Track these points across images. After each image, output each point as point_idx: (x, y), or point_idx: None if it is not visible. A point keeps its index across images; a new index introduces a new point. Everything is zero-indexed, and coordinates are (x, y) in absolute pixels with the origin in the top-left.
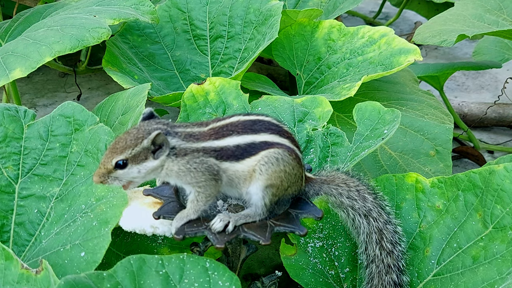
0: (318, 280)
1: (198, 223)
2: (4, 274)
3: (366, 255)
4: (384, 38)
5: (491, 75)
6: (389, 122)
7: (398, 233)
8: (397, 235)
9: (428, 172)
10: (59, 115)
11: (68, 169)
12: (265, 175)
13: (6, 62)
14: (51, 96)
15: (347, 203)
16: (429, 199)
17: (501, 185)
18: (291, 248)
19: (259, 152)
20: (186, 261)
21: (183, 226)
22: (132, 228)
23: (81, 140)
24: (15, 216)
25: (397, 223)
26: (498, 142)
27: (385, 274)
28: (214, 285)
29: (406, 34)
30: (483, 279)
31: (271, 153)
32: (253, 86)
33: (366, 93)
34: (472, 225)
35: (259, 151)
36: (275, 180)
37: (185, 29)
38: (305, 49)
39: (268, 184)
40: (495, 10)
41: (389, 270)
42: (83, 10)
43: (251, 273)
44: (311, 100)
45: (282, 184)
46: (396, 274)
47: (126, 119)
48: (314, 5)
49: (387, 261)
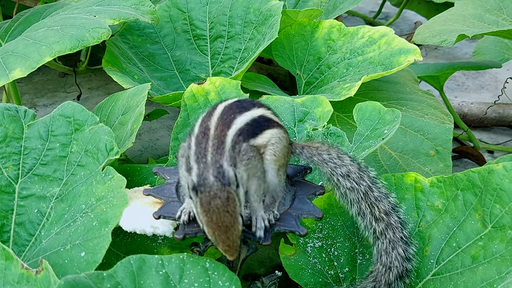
0: (317, 280)
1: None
2: (4, 274)
3: (367, 231)
4: (384, 38)
5: (491, 75)
6: (389, 122)
7: (390, 201)
8: (389, 202)
9: (428, 172)
10: (59, 115)
11: (68, 169)
12: (275, 155)
13: (6, 62)
14: (51, 96)
15: (327, 159)
16: (428, 198)
17: (500, 185)
18: (291, 248)
19: (265, 131)
20: (186, 261)
21: (183, 226)
22: (132, 228)
23: (81, 140)
24: (15, 216)
25: (382, 185)
26: (498, 142)
27: (391, 249)
28: (214, 285)
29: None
30: (482, 279)
31: (276, 133)
32: (253, 86)
33: (366, 93)
34: (471, 225)
35: (265, 129)
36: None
37: (185, 29)
38: (305, 49)
39: (279, 162)
40: (495, 10)
41: (394, 245)
42: (83, 10)
43: (251, 273)
44: (312, 100)
45: (285, 158)
46: (402, 247)
47: (126, 119)
48: (314, 5)
49: (389, 236)
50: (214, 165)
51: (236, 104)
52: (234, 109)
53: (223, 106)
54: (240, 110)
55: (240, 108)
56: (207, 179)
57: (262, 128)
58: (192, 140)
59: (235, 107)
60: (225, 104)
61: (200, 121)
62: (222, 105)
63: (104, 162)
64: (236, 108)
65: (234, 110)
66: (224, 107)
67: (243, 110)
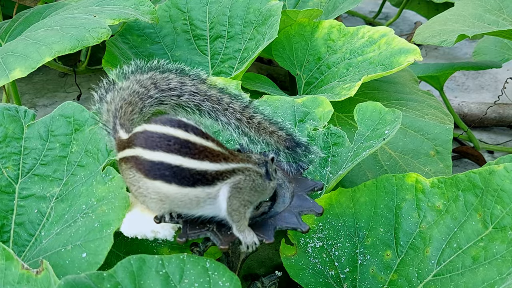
0: (318, 281)
1: (200, 225)
2: (4, 274)
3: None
4: (384, 38)
5: (491, 75)
6: (390, 123)
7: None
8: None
9: (428, 172)
10: (59, 115)
11: (68, 169)
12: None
13: (6, 62)
14: (51, 96)
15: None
16: (429, 199)
17: (501, 185)
18: (291, 248)
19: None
20: (186, 261)
21: (185, 229)
22: (133, 234)
23: (81, 140)
24: (15, 216)
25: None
26: (498, 142)
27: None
28: (214, 285)
29: (406, 34)
30: (483, 280)
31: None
32: (253, 86)
33: (366, 93)
34: (472, 225)
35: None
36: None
37: (185, 29)
38: (305, 49)
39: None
40: (495, 10)
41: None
42: (83, 10)
43: (251, 273)
44: (312, 100)
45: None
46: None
47: None
48: (314, 5)
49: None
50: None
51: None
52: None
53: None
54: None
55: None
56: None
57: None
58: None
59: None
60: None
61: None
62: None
63: (105, 162)
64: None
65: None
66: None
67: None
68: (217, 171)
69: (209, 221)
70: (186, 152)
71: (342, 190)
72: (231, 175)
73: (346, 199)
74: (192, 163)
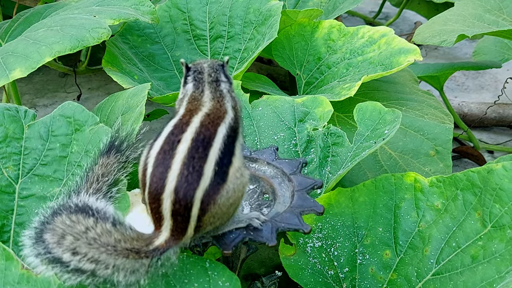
0: (317, 280)
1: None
2: (4, 274)
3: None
4: (384, 38)
5: (491, 75)
6: (390, 123)
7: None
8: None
9: (428, 172)
10: (60, 115)
11: (69, 169)
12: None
13: (6, 62)
14: (51, 96)
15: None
16: (428, 198)
17: (499, 184)
18: (290, 248)
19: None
20: (186, 261)
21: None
22: None
23: (81, 140)
24: (16, 216)
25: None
26: (498, 142)
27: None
28: (214, 285)
29: (406, 34)
30: (482, 278)
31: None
32: (253, 86)
33: (366, 93)
34: (471, 224)
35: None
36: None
37: (185, 29)
38: (305, 49)
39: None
40: (495, 10)
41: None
42: (83, 10)
43: (251, 273)
44: (312, 100)
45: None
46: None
47: (126, 119)
48: (314, 5)
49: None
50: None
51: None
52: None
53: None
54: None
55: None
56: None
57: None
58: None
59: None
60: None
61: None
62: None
63: None
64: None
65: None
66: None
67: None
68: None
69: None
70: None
71: (341, 189)
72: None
73: (345, 199)
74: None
